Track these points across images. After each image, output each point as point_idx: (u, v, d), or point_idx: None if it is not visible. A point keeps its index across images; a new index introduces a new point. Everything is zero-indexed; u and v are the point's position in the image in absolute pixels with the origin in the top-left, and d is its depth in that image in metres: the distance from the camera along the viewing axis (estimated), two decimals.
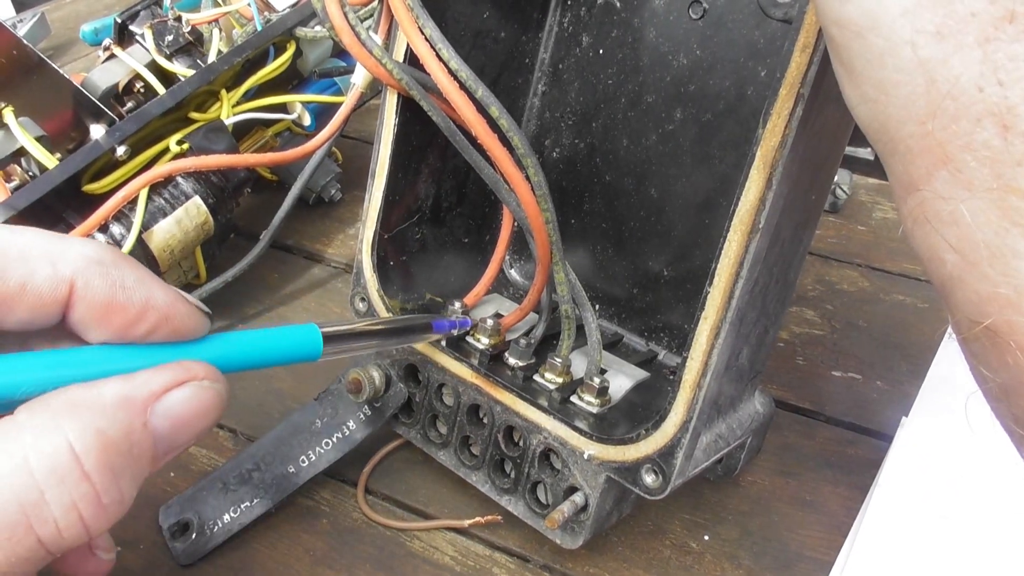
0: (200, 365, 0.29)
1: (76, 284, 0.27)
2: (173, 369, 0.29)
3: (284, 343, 0.32)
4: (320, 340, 0.34)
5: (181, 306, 0.29)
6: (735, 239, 0.36)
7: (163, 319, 0.28)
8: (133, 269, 0.28)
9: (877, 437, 0.54)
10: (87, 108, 0.59)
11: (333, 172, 0.74)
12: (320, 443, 0.49)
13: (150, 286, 0.28)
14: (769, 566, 0.47)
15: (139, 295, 0.28)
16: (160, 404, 0.28)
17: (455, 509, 0.49)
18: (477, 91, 0.42)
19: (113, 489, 0.26)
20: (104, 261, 0.28)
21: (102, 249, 0.28)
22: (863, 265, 0.70)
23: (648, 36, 0.46)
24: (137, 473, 0.28)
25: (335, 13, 0.43)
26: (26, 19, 0.98)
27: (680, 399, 0.38)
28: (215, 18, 0.67)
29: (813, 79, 0.33)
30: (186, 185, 0.58)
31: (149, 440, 0.28)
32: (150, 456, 0.28)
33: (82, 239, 0.29)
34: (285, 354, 0.33)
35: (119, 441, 0.27)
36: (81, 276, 0.27)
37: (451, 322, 0.45)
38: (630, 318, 0.51)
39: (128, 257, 0.29)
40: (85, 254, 0.28)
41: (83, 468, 0.26)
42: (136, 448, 0.27)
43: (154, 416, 0.28)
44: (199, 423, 0.29)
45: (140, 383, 0.28)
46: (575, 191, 0.51)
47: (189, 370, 0.29)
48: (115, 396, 0.27)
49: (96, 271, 0.27)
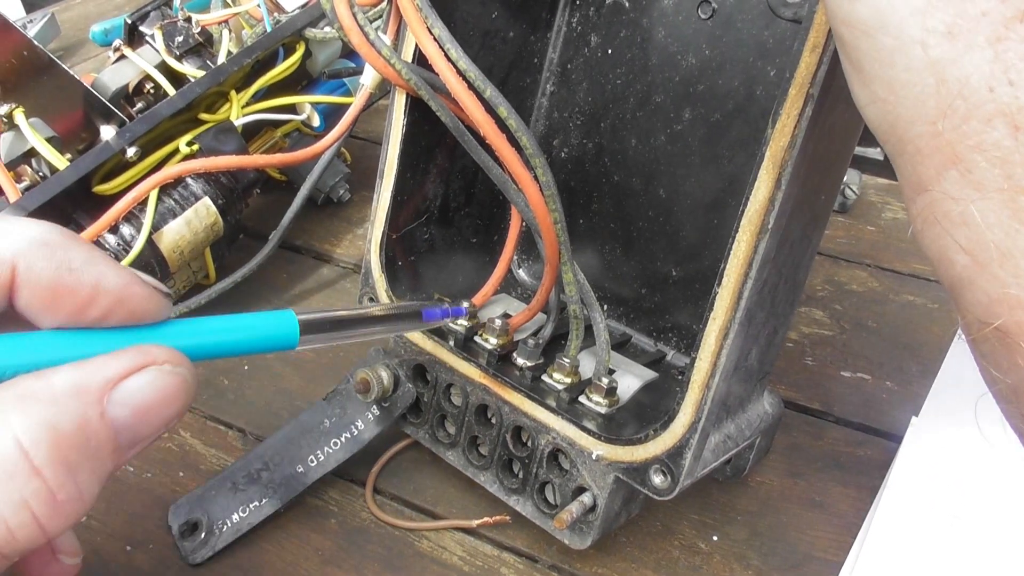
0: (160, 348, 0.27)
1: (18, 266, 0.25)
2: (130, 354, 0.26)
3: (256, 329, 0.30)
4: (296, 327, 0.31)
5: (137, 288, 0.27)
6: (744, 239, 0.36)
7: (116, 302, 0.27)
8: (82, 250, 0.26)
9: (886, 438, 0.54)
10: (97, 109, 0.59)
11: (342, 173, 0.74)
12: (329, 443, 0.49)
13: (100, 267, 0.26)
14: (778, 567, 0.47)
15: (88, 276, 0.26)
16: (117, 392, 0.26)
17: (463, 509, 0.49)
18: (486, 91, 0.42)
19: (69, 485, 0.25)
20: (49, 242, 0.26)
21: (47, 229, 0.26)
22: (872, 265, 0.69)
23: (657, 36, 0.46)
24: (97, 467, 0.26)
25: (344, 14, 0.43)
26: (36, 20, 0.99)
27: (689, 399, 0.38)
28: (225, 19, 0.67)
29: (823, 79, 0.33)
30: (196, 186, 0.58)
31: (108, 431, 0.26)
32: (111, 448, 0.26)
33: (27, 219, 0.27)
34: (257, 341, 0.30)
35: (73, 433, 0.25)
36: (24, 258, 0.25)
37: (443, 310, 0.42)
38: (638, 318, 0.51)
39: (78, 238, 0.27)
40: (27, 235, 0.26)
41: (33, 464, 0.24)
42: (93, 440, 0.25)
43: (112, 405, 0.26)
44: (164, 411, 0.27)
45: (94, 370, 0.26)
46: (583, 191, 0.51)
47: (148, 354, 0.27)
48: (67, 385, 0.25)
49: (40, 252, 0.26)
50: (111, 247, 0.55)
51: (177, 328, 0.28)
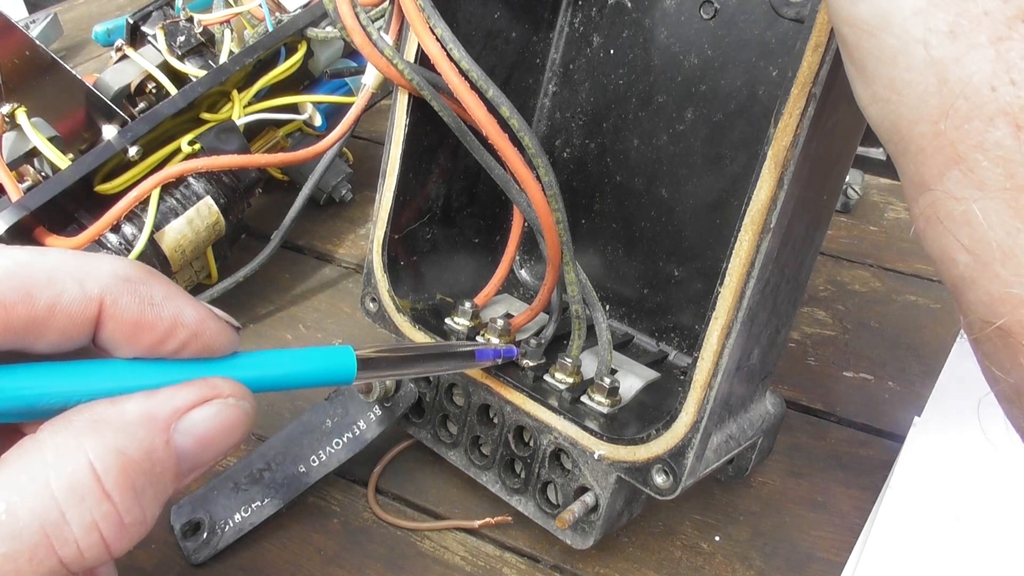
0: (226, 382, 0.29)
1: (105, 302, 0.27)
2: (198, 386, 0.28)
3: (315, 365, 0.32)
4: (354, 363, 0.33)
5: (211, 323, 0.29)
6: (746, 239, 0.36)
7: (192, 336, 0.28)
8: (162, 285, 0.28)
9: (889, 438, 0.54)
10: (99, 109, 0.59)
11: (344, 172, 0.74)
12: (331, 443, 0.49)
13: (179, 302, 0.28)
14: (780, 567, 0.47)
15: (168, 312, 0.27)
16: (183, 422, 0.27)
17: (465, 509, 0.49)
18: (488, 91, 0.42)
19: (135, 508, 0.26)
20: (132, 278, 0.27)
21: (130, 265, 0.28)
22: (875, 265, 0.69)
23: (659, 36, 0.46)
24: (159, 491, 0.27)
25: (347, 13, 0.43)
26: (39, 20, 0.99)
27: (691, 399, 0.38)
28: (227, 19, 0.67)
29: (825, 78, 0.33)
30: (198, 185, 0.58)
31: (172, 458, 0.27)
32: (173, 474, 0.28)
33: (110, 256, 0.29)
34: (316, 376, 0.32)
35: (140, 460, 0.26)
36: (109, 294, 0.27)
37: (495, 351, 0.43)
38: (640, 318, 0.51)
39: (157, 273, 0.29)
40: (113, 271, 0.27)
41: (104, 488, 0.25)
42: (158, 466, 0.27)
43: (177, 434, 0.27)
44: (224, 441, 0.28)
45: (163, 400, 0.27)
46: (585, 191, 0.51)
47: (215, 387, 0.28)
48: (138, 413, 0.27)
49: (124, 288, 0.27)
50: (113, 246, 0.55)
51: (242, 361, 0.30)
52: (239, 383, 0.29)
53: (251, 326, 0.63)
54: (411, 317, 0.48)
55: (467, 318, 0.47)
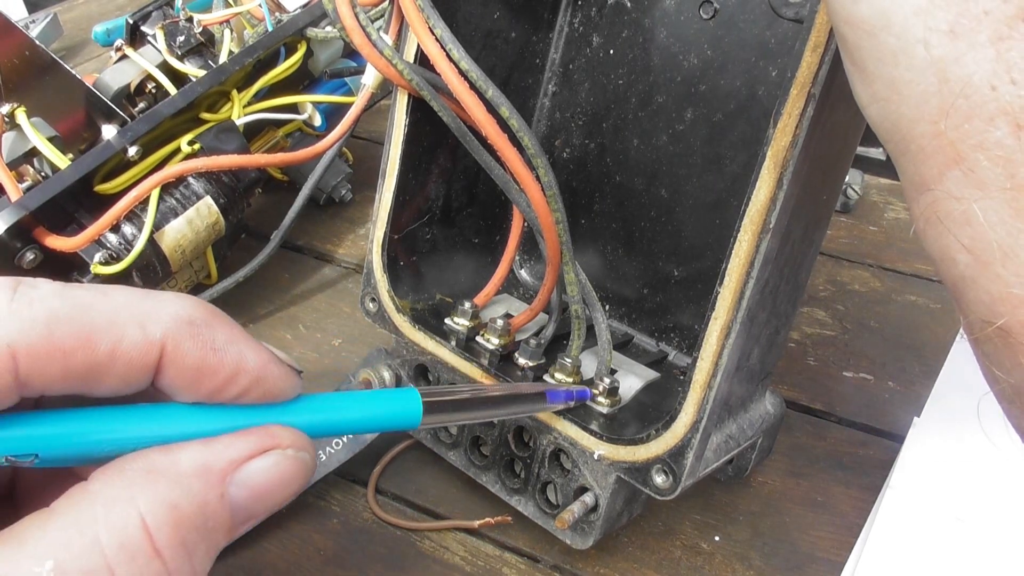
0: (286, 431, 0.27)
1: (167, 347, 0.25)
2: (257, 435, 0.27)
3: (380, 410, 0.30)
4: (419, 408, 0.31)
5: (274, 368, 0.27)
6: (746, 239, 0.36)
7: (254, 382, 0.27)
8: (225, 328, 0.27)
9: (889, 438, 0.54)
10: (99, 109, 0.59)
11: (344, 172, 0.74)
12: (331, 443, 0.49)
13: (242, 346, 0.27)
14: (780, 567, 0.47)
15: (230, 357, 0.26)
16: (239, 474, 0.26)
17: (465, 509, 0.49)
18: (487, 91, 0.42)
19: (185, 566, 0.25)
20: (195, 320, 0.26)
21: (193, 306, 0.27)
22: (875, 265, 0.69)
23: (659, 36, 0.46)
24: (211, 546, 0.26)
25: (346, 13, 0.43)
26: (38, 20, 0.99)
27: (690, 399, 0.38)
28: (226, 19, 0.67)
29: (824, 78, 0.33)
30: (197, 185, 0.58)
31: (226, 512, 0.26)
32: (226, 528, 0.26)
33: (174, 295, 0.27)
34: (380, 422, 0.30)
35: (194, 515, 0.25)
36: (172, 338, 0.25)
37: (567, 392, 0.41)
38: (640, 318, 0.51)
39: (220, 314, 0.27)
40: (176, 314, 0.26)
41: (155, 545, 0.24)
42: (211, 521, 0.26)
43: (232, 486, 0.26)
44: (280, 493, 0.27)
45: (220, 450, 0.26)
46: (585, 191, 0.51)
47: (274, 436, 0.27)
48: (193, 464, 0.25)
49: (187, 332, 0.26)
50: (112, 246, 0.55)
51: (304, 405, 0.28)
52: (299, 431, 0.28)
53: (251, 326, 0.63)
54: (411, 317, 0.48)
55: (467, 318, 0.47)
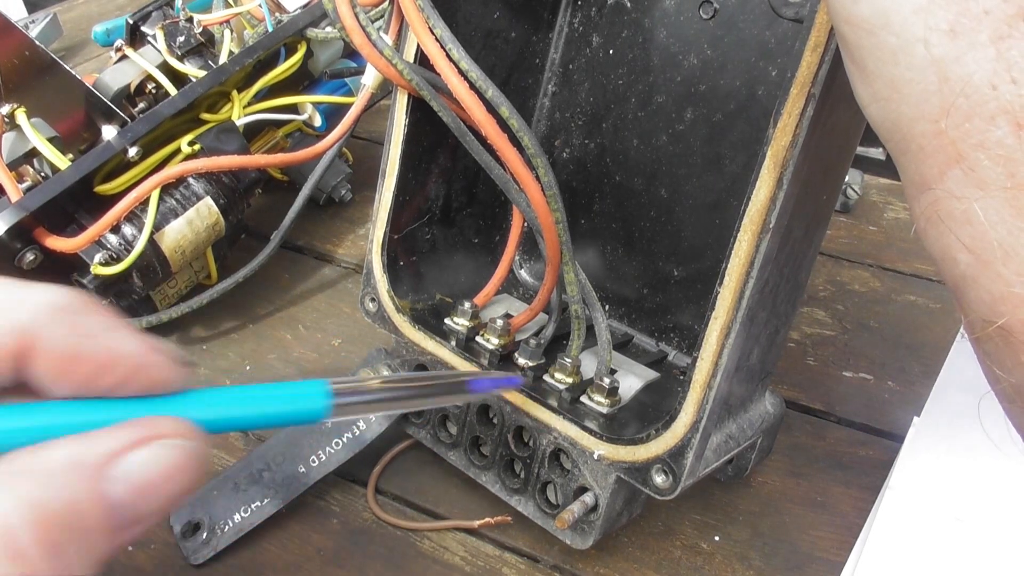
0: (169, 420, 0.25)
1: (34, 334, 0.23)
2: (136, 426, 0.24)
3: (280, 403, 0.28)
4: (324, 403, 0.29)
5: (156, 356, 0.25)
6: (746, 239, 0.36)
7: (133, 371, 0.25)
8: (99, 316, 0.25)
9: (888, 438, 0.54)
10: (99, 109, 0.59)
11: (343, 173, 0.74)
12: (330, 443, 0.49)
13: (120, 333, 0.25)
14: (780, 567, 0.47)
15: (104, 342, 0.24)
16: (116, 468, 0.24)
17: (465, 509, 0.49)
18: (487, 91, 0.42)
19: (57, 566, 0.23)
20: (65, 307, 0.24)
21: (67, 294, 0.25)
22: (874, 265, 0.69)
23: (658, 36, 0.46)
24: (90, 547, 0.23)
25: (346, 14, 0.43)
26: (38, 20, 0.99)
27: (690, 399, 0.38)
28: (227, 19, 0.67)
29: (824, 78, 0.33)
30: (197, 186, 0.58)
31: (101, 509, 0.23)
32: (106, 528, 0.24)
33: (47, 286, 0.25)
34: (280, 416, 0.28)
35: (62, 512, 0.23)
36: (40, 325, 0.24)
37: (492, 380, 0.37)
38: (640, 318, 0.51)
39: (95, 302, 0.25)
40: (47, 301, 0.24)
41: (17, 546, 0.22)
42: (86, 519, 0.23)
43: (109, 482, 0.24)
44: (168, 488, 0.25)
45: (93, 443, 0.24)
46: (585, 191, 0.51)
47: (155, 427, 0.25)
48: (63, 460, 0.23)
49: (57, 318, 0.24)
50: (112, 247, 0.55)
51: (195, 398, 0.27)
52: (185, 421, 0.25)
53: (251, 326, 0.63)
54: (410, 317, 0.48)
55: (467, 318, 0.47)
